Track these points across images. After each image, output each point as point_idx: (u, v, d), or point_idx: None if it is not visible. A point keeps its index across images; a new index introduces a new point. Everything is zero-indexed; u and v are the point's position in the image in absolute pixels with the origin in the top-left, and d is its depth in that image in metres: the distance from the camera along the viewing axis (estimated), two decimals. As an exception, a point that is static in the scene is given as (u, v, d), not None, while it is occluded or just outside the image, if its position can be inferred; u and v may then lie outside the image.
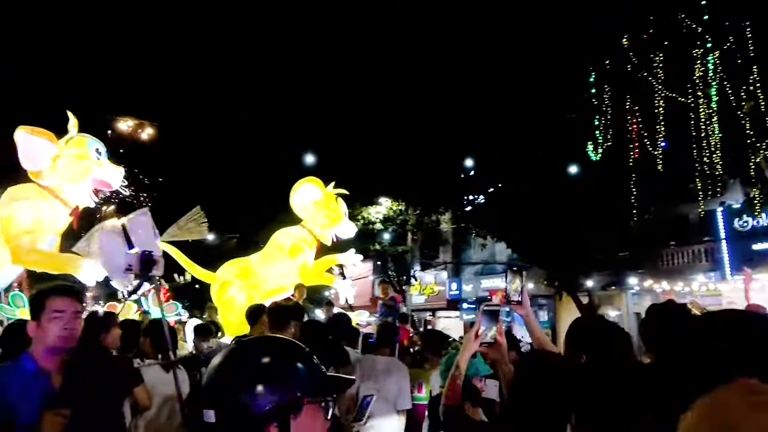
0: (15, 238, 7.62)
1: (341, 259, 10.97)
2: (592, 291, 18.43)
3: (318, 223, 10.15)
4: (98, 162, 7.95)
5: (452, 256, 25.71)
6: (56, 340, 2.39)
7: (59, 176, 7.81)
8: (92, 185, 8.08)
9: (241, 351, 1.31)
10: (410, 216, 22.08)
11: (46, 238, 7.89)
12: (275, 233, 10.40)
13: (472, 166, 17.06)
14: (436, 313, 26.40)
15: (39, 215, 7.75)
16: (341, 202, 10.39)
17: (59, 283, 2.94)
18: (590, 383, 2.31)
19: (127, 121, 16.54)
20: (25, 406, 2.18)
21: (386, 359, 4.94)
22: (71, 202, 7.98)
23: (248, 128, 17.72)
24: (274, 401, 1.21)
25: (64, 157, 7.79)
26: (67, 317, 2.41)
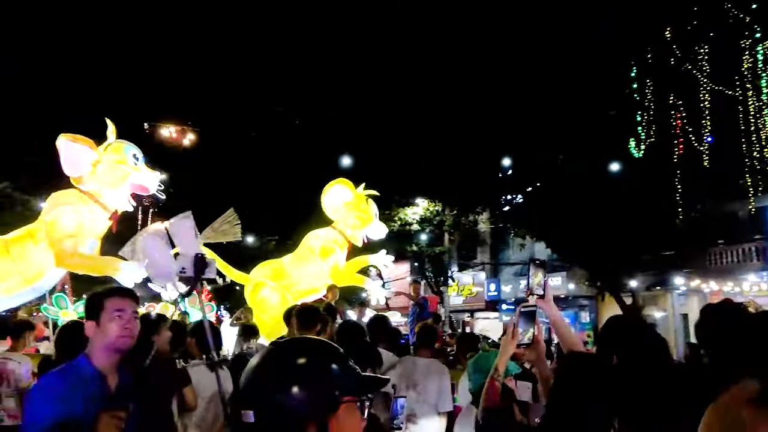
0: (58, 242, 7.91)
1: (373, 260, 10.98)
2: (636, 291, 17.96)
3: (349, 225, 10.16)
4: (135, 167, 8.20)
5: (490, 256, 25.45)
6: (116, 339, 2.40)
7: (99, 181, 8.08)
8: (130, 190, 8.34)
9: (277, 352, 1.33)
10: (447, 216, 21.95)
11: (88, 242, 8.17)
12: (307, 235, 10.50)
13: (509, 165, 16.84)
14: (475, 314, 26.17)
15: (81, 220, 8.03)
16: (372, 203, 10.39)
17: (116, 285, 3.00)
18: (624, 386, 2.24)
19: (169, 127, 16.94)
20: (82, 407, 2.21)
21: (427, 361, 4.91)
22: (111, 206, 8.24)
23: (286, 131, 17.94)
24: (311, 401, 1.23)
25: (104, 163, 8.06)
26: (126, 317, 2.43)
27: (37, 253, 8.02)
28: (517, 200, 17.89)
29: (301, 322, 4.56)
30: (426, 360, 4.92)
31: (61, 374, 2.38)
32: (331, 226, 10.32)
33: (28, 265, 8.06)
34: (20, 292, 8.32)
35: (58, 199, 8.23)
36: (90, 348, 2.48)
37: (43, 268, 8.11)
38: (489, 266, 25.58)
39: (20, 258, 8.02)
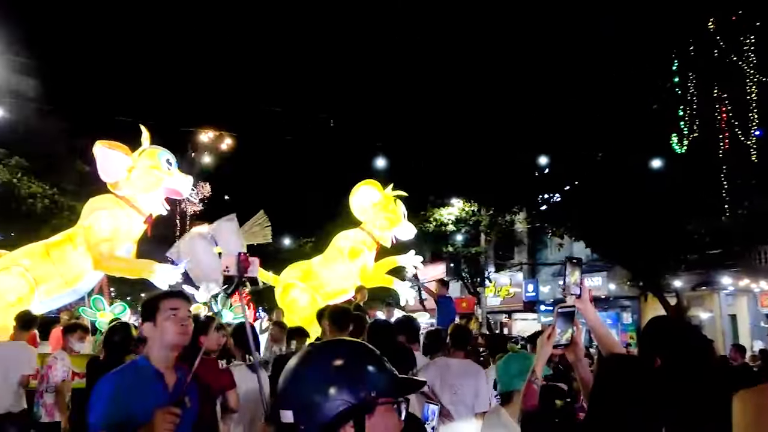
0: (96, 245, 8.17)
1: (402, 261, 10.95)
2: (680, 291, 17.41)
3: (377, 226, 10.19)
4: (169, 172, 8.40)
5: (528, 256, 25.10)
6: (174, 337, 2.49)
7: (134, 186, 8.31)
8: (164, 194, 8.54)
9: (314, 353, 1.35)
10: (483, 216, 21.75)
11: (124, 246, 8.42)
12: (335, 236, 10.52)
13: (547, 163, 16.56)
14: (513, 315, 25.84)
15: (117, 224, 8.27)
16: (400, 204, 10.37)
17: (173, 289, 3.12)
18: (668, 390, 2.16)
19: (208, 133, 17.29)
20: (142, 404, 2.28)
21: (461, 361, 4.87)
22: (145, 210, 8.47)
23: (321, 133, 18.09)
24: (347, 402, 1.24)
25: (138, 168, 8.28)
26: (181, 315, 2.53)
27: (76, 256, 8.30)
28: (555, 199, 17.56)
29: (335, 323, 4.57)
30: (460, 360, 4.88)
31: (122, 373, 2.48)
32: (359, 227, 10.35)
33: (68, 268, 8.34)
34: (61, 294, 8.62)
35: (95, 205, 8.50)
36: (148, 348, 2.57)
37: (82, 270, 8.39)
38: (527, 266, 25.22)
39: (60, 261, 8.31)
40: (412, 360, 4.60)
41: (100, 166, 8.21)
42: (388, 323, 5.72)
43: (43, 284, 8.24)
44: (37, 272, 8.19)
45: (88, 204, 8.61)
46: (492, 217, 21.24)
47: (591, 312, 2.68)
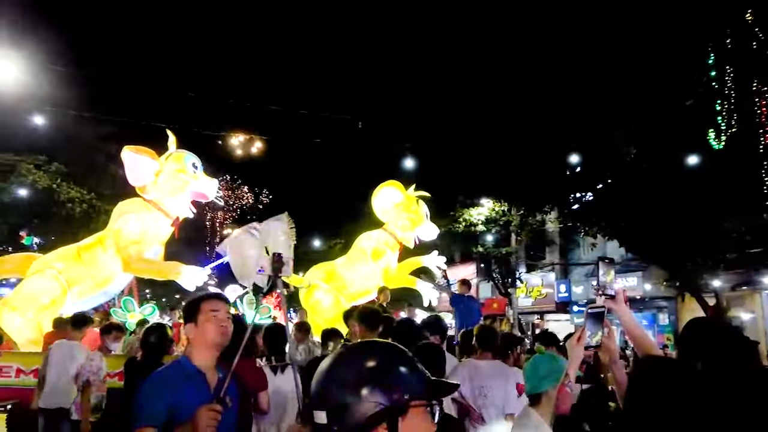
0: (124, 248, 8.38)
1: (425, 262, 10.90)
2: (719, 292, 16.89)
3: (400, 226, 10.20)
4: (194, 175, 8.56)
5: (560, 256, 24.73)
6: (214, 337, 2.56)
7: (161, 190, 8.50)
8: (191, 197, 8.70)
9: (347, 354, 1.35)
10: (513, 216, 21.52)
11: (152, 248, 8.61)
12: (358, 237, 10.52)
13: (578, 161, 16.28)
14: (545, 316, 25.51)
15: (145, 227, 8.48)
16: (422, 205, 10.34)
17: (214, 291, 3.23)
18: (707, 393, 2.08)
19: (239, 136, 17.52)
20: (184, 404, 2.34)
21: (489, 363, 4.81)
22: (172, 213, 8.64)
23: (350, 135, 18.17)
24: (381, 403, 1.24)
25: (165, 172, 8.47)
26: (221, 317, 2.60)
27: (106, 259, 8.54)
28: (588, 198, 17.25)
29: (365, 324, 4.55)
30: (488, 362, 4.81)
31: (165, 372, 2.57)
32: (382, 228, 10.36)
33: (99, 270, 8.59)
34: (92, 295, 8.88)
35: (124, 208, 8.74)
36: (190, 348, 2.66)
37: (112, 273, 8.63)
38: (559, 267, 24.86)
39: (91, 264, 8.57)
40: (443, 361, 4.56)
41: (128, 170, 8.43)
42: (414, 322, 5.68)
43: (75, 286, 8.51)
44: (70, 275, 8.47)
45: (117, 208, 8.84)
46: (523, 216, 21.00)
47: (626, 313, 2.63)
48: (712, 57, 13.71)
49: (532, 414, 3.04)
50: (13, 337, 8.47)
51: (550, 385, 2.94)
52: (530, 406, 3.10)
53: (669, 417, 1.92)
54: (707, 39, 13.54)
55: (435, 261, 10.77)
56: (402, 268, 10.68)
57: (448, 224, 21.66)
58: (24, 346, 8.23)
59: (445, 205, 21.20)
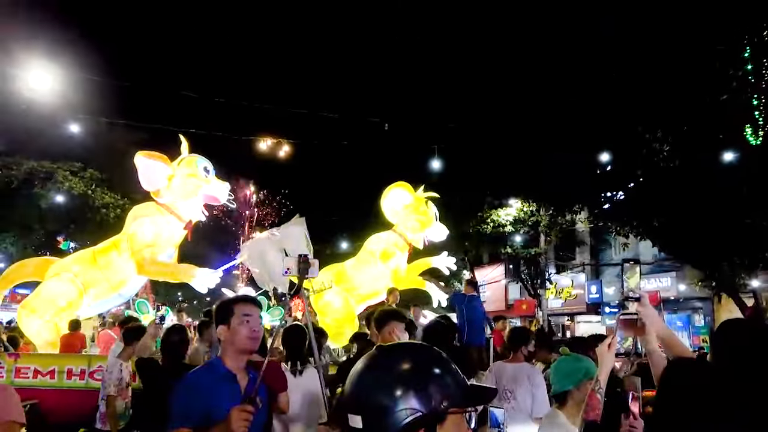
0: (138, 251, 8.55)
1: (435, 263, 10.86)
2: (758, 291, 16.41)
3: (409, 227, 10.19)
4: (206, 179, 8.69)
5: (590, 257, 24.33)
6: (246, 341, 2.60)
7: (174, 194, 8.64)
8: (203, 200, 8.83)
9: (383, 357, 1.31)
10: (542, 217, 21.26)
11: (166, 251, 8.75)
12: (368, 239, 10.53)
13: (609, 160, 16.00)
14: (575, 317, 25.13)
15: (158, 231, 8.63)
16: (431, 206, 10.32)
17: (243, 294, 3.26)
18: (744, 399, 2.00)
19: (266, 140, 17.67)
20: (217, 405, 2.39)
21: (515, 365, 4.75)
22: (185, 217, 8.78)
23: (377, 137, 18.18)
24: (419, 410, 1.20)
25: (177, 176, 8.61)
26: (253, 321, 2.64)
27: (121, 262, 8.72)
28: (619, 197, 16.93)
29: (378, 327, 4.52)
30: (515, 364, 4.77)
31: (198, 374, 2.62)
32: (391, 229, 10.35)
33: (114, 273, 8.77)
34: (107, 298, 9.07)
35: (138, 212, 8.93)
36: (222, 350, 2.70)
37: (126, 275, 8.80)
38: (589, 267, 24.46)
39: (106, 267, 8.75)
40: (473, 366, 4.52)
41: (141, 175, 8.60)
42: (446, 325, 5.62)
43: (91, 289, 8.72)
44: (86, 278, 8.68)
45: (131, 212, 9.04)
46: (552, 217, 20.73)
47: (653, 315, 2.58)
48: (748, 50, 13.34)
49: (558, 414, 3.00)
50: (32, 339, 8.72)
51: (572, 385, 2.92)
52: (557, 407, 3.07)
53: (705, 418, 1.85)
54: (743, 32, 13.18)
55: (445, 262, 10.74)
56: (412, 269, 10.69)
57: (476, 225, 21.52)
58: (42, 348, 8.46)
59: (473, 206, 21.08)
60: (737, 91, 13.44)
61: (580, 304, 24.21)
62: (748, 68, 13.38)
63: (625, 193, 16.52)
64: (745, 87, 13.40)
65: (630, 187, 16.14)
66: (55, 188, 19.40)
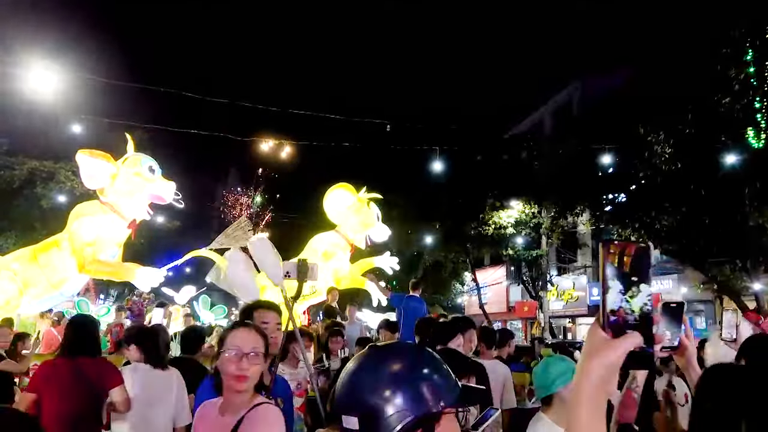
0: (80, 250, 8.53)
1: (378, 262, 10.95)
2: (760, 294, 16.37)
3: (351, 228, 10.28)
4: (151, 179, 8.67)
5: (592, 259, 24.31)
6: None
7: (117, 193, 8.62)
8: (148, 200, 8.82)
9: (379, 358, 1.30)
10: (544, 219, 21.25)
11: (108, 250, 8.73)
12: (311, 239, 10.64)
13: (611, 162, 15.99)
14: (577, 320, 25.09)
15: (100, 229, 8.60)
16: (374, 207, 10.45)
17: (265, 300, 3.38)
18: None
19: (268, 141, 17.68)
20: None
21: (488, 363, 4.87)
22: (128, 216, 8.77)
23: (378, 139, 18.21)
24: (416, 410, 1.21)
25: (121, 175, 8.59)
26: (271, 327, 2.74)
27: (61, 260, 8.68)
28: (621, 199, 16.93)
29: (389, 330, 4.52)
30: (488, 362, 4.89)
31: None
32: (334, 230, 10.45)
33: (54, 271, 8.72)
34: (48, 296, 9.04)
35: (80, 211, 8.91)
36: None
37: (67, 274, 8.77)
38: (591, 269, 24.43)
39: (47, 265, 8.70)
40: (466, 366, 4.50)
41: (83, 173, 8.58)
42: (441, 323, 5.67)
43: (31, 287, 8.68)
44: (26, 276, 8.62)
45: (73, 210, 9.01)
46: (553, 218, 20.72)
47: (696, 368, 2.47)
48: (751, 53, 13.33)
49: (542, 418, 2.91)
50: None
51: (561, 386, 2.84)
52: (542, 411, 2.96)
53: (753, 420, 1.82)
54: (746, 34, 13.17)
55: (388, 262, 10.84)
56: (355, 269, 10.81)
57: (478, 227, 21.52)
58: None
59: (474, 208, 21.09)
60: (739, 94, 13.43)
61: (581, 306, 24.18)
62: (750, 71, 13.37)
63: (627, 195, 16.52)
64: (748, 89, 13.39)
65: (632, 189, 16.14)
66: (57, 188, 19.42)
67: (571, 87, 23.25)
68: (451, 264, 25.54)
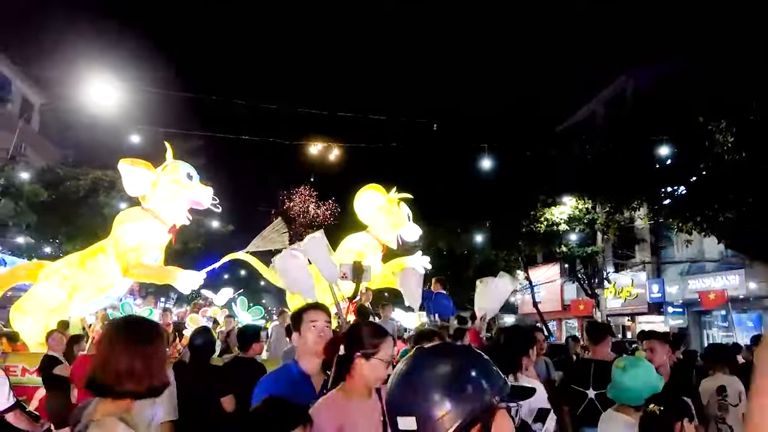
0: (123, 255, 8.85)
1: (409, 262, 10.82)
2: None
3: (382, 229, 10.26)
4: (189, 185, 8.91)
5: (651, 254, 23.42)
6: (313, 345, 2.80)
7: (157, 199, 8.91)
8: (187, 205, 9.05)
9: (429, 358, 1.33)
10: (598, 214, 20.63)
11: (150, 254, 9.02)
12: (343, 240, 10.62)
13: (669, 153, 15.35)
14: (636, 318, 24.24)
15: (143, 235, 8.91)
16: (404, 206, 10.42)
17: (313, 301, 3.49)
18: None
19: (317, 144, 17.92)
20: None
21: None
22: (169, 221, 9.04)
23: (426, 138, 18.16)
24: (473, 406, 1.24)
25: (161, 182, 8.86)
26: (320, 326, 2.82)
27: (107, 265, 9.02)
28: (681, 192, 16.22)
29: None
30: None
31: (276, 376, 2.85)
32: (365, 230, 10.46)
33: (101, 275, 9.07)
34: (95, 299, 9.41)
35: (123, 217, 9.28)
36: (297, 354, 2.91)
37: (113, 278, 9.11)
38: (650, 266, 23.55)
39: (94, 270, 9.06)
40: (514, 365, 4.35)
41: (125, 181, 8.92)
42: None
43: (80, 291, 9.07)
44: (75, 280, 9.04)
45: (117, 217, 9.41)
46: (609, 214, 20.08)
47: None
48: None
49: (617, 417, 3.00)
50: (23, 338, 9.03)
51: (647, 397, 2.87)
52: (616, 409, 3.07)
53: None
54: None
55: (419, 261, 10.73)
56: (386, 269, 10.75)
57: (530, 224, 21.12)
58: (33, 347, 8.79)
59: (526, 204, 20.71)
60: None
61: (641, 303, 23.34)
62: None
63: (687, 188, 15.82)
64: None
65: (692, 181, 15.45)
66: (119, 196, 20.31)
67: (624, 77, 22.55)
68: (502, 262, 25.19)
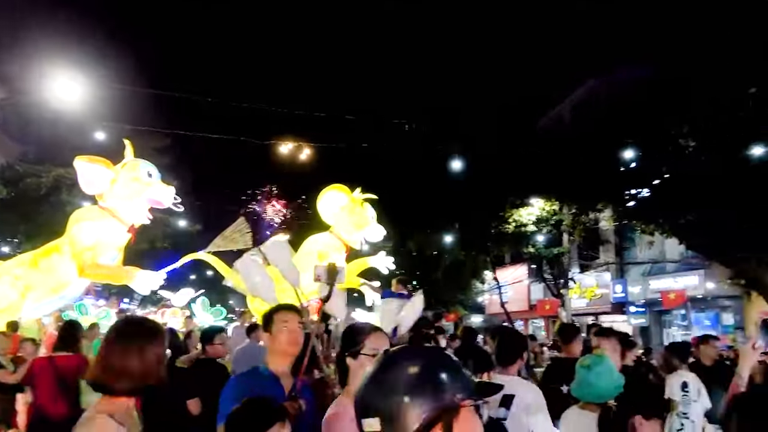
0: (79, 254, 8.59)
1: (372, 262, 10.85)
2: (789, 289, 16.03)
3: (345, 229, 10.18)
4: (149, 183, 8.69)
5: (615, 255, 24.02)
6: (285, 346, 2.79)
7: (116, 197, 8.67)
8: (147, 204, 8.83)
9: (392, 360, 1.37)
10: (565, 215, 21.04)
11: (107, 254, 8.78)
12: (305, 240, 10.57)
13: (633, 156, 15.76)
14: (599, 317, 24.82)
15: (99, 234, 8.65)
16: (368, 207, 10.31)
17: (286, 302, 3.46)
18: None
19: (287, 144, 17.76)
20: None
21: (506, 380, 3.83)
22: (128, 220, 8.81)
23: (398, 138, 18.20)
24: (435, 405, 1.26)
25: (120, 180, 8.63)
26: (291, 327, 2.81)
27: (62, 265, 8.73)
28: (644, 194, 16.68)
29: None
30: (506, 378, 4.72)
31: (244, 377, 2.83)
32: (329, 230, 10.36)
33: (55, 275, 8.79)
34: (48, 300, 9.12)
35: (79, 216, 8.96)
36: (267, 355, 2.88)
37: (68, 278, 8.83)
38: (614, 266, 24.14)
39: (48, 270, 8.78)
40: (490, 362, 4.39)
41: (81, 179, 8.64)
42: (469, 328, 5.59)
43: (32, 291, 8.77)
44: (27, 280, 8.74)
45: (73, 216, 9.04)
46: (575, 215, 20.51)
47: None
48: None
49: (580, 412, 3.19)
50: None
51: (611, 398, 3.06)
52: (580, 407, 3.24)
53: None
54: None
55: (382, 261, 10.74)
56: (350, 270, 10.72)
57: (498, 225, 21.40)
58: None
59: (495, 205, 20.96)
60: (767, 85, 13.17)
61: (604, 303, 23.91)
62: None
63: (651, 190, 16.28)
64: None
65: (655, 184, 15.90)
66: (81, 195, 19.71)
67: (591, 82, 23.07)
68: (471, 263, 25.41)
